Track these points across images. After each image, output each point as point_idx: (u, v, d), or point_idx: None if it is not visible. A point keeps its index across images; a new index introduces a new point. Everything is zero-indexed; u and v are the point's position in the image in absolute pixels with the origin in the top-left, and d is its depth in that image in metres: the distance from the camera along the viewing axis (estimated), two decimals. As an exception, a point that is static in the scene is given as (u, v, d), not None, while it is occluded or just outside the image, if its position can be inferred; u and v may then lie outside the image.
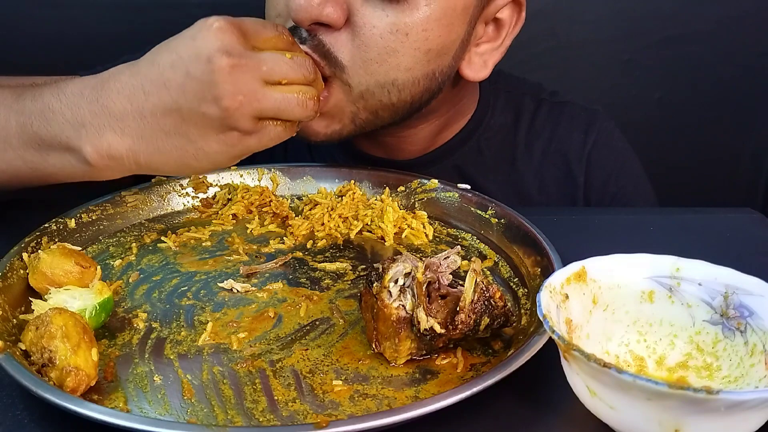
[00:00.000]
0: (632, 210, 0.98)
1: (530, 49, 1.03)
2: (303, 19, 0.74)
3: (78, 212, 0.76)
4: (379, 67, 0.78)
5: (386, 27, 0.76)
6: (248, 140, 0.67)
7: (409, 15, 0.76)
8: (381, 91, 0.80)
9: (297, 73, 0.67)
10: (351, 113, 0.81)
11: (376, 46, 0.77)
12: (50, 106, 0.67)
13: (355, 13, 0.76)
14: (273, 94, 0.66)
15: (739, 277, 0.57)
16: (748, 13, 1.39)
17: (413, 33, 0.77)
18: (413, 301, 0.58)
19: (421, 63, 0.80)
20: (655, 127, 1.44)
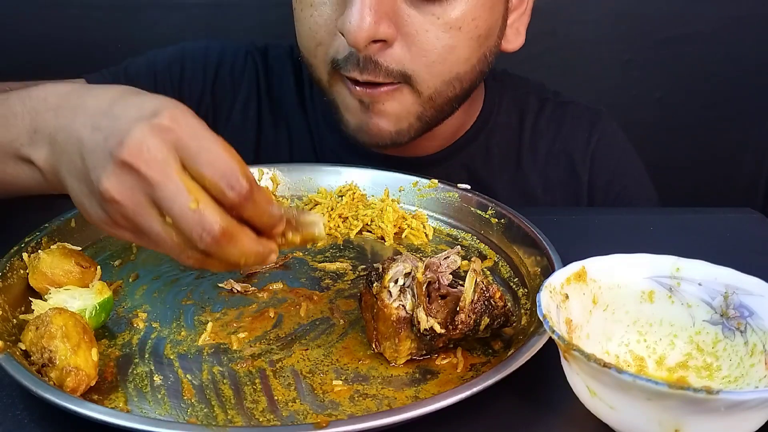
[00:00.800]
0: (632, 210, 0.98)
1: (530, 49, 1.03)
2: (360, 40, 0.75)
3: (78, 212, 0.76)
4: (442, 67, 0.81)
5: (439, 27, 0.79)
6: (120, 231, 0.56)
7: (457, 9, 0.79)
8: (447, 88, 0.83)
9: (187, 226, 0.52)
10: (418, 113, 0.84)
11: (435, 48, 0.79)
12: (13, 110, 0.61)
13: (404, 23, 0.78)
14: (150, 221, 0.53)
15: (739, 277, 0.57)
16: (748, 13, 1.39)
17: (465, 25, 0.80)
18: (413, 301, 0.58)
19: (475, 50, 0.83)
20: (655, 127, 1.44)
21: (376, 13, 0.75)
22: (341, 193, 0.85)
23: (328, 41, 0.81)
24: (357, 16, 0.74)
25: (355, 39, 0.75)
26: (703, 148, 1.48)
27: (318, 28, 0.81)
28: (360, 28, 0.74)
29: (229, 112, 1.01)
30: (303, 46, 0.85)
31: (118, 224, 0.55)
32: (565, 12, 1.36)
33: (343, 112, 0.86)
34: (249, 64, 1.02)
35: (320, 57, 0.83)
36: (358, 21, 0.74)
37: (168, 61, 1.00)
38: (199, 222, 0.52)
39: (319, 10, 0.80)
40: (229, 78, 1.01)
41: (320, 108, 1.00)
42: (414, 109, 0.83)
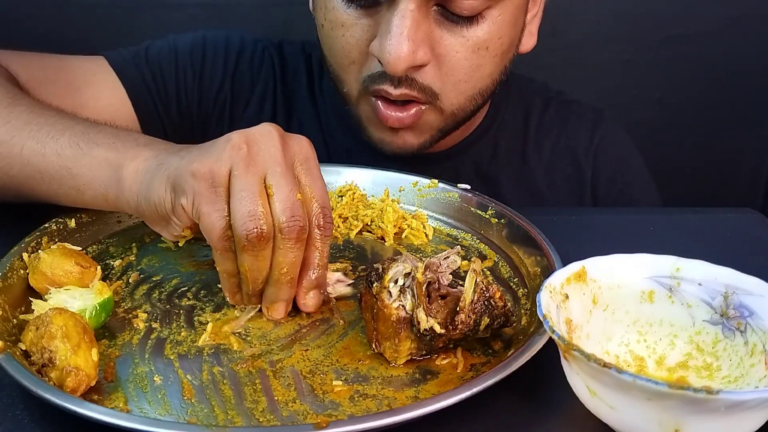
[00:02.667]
0: (632, 210, 0.99)
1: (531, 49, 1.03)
2: (400, 70, 0.77)
3: (78, 212, 0.76)
4: (467, 84, 0.83)
5: (469, 48, 0.80)
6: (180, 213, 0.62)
7: (485, 29, 0.80)
8: (469, 103, 0.85)
9: (283, 203, 0.60)
10: (440, 126, 0.86)
11: (463, 68, 0.81)
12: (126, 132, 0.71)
13: (436, 45, 0.79)
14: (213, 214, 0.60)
15: (739, 277, 0.57)
16: (748, 13, 1.39)
17: (492, 44, 0.81)
18: (413, 301, 0.58)
19: (498, 65, 0.85)
20: (655, 127, 1.45)
21: (414, 41, 0.76)
22: (341, 193, 0.85)
23: (361, 60, 0.82)
24: (395, 45, 0.75)
25: (394, 69, 0.76)
26: (703, 148, 1.48)
27: (351, 48, 0.82)
28: (398, 58, 0.75)
29: (246, 104, 1.02)
30: (335, 62, 0.85)
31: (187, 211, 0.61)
32: (565, 12, 1.36)
33: (367, 125, 0.88)
34: (266, 57, 1.03)
35: (353, 75, 0.84)
36: (397, 51, 0.75)
37: (190, 48, 1.01)
38: (296, 209, 0.60)
39: (351, 30, 0.81)
40: (248, 69, 1.02)
41: (330, 104, 1.01)
42: (436, 124, 0.86)
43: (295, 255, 0.61)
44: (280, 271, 0.61)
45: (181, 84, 0.99)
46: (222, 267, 0.63)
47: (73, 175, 0.68)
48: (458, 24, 0.79)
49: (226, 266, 0.62)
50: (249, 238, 0.58)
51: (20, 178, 0.71)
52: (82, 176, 0.68)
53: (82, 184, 0.68)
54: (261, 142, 0.61)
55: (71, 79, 0.91)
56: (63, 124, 0.71)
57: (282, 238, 0.60)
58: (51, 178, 0.69)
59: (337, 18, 0.81)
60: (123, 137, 0.69)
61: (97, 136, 0.69)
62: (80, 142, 0.68)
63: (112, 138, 0.68)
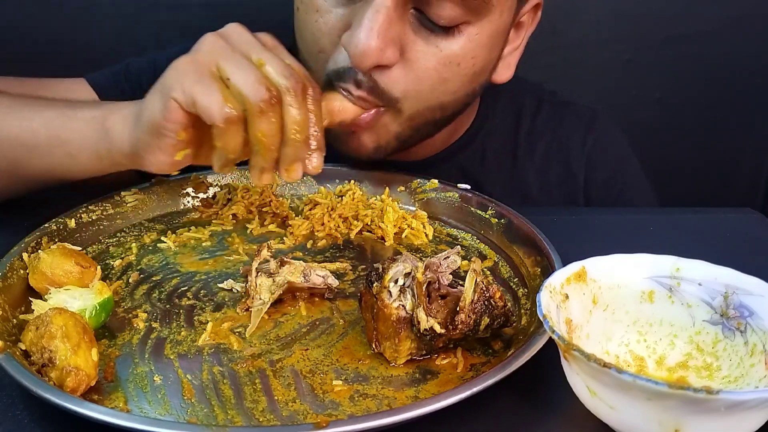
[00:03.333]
0: (632, 210, 0.98)
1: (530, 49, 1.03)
2: (365, 65, 0.75)
3: (78, 212, 0.76)
4: (430, 95, 0.81)
5: (439, 60, 0.78)
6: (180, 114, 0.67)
7: (460, 45, 0.78)
8: (428, 113, 0.83)
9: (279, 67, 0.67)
10: (396, 132, 0.83)
11: (430, 79, 0.79)
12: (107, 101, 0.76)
13: (407, 49, 0.78)
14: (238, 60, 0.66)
15: (739, 277, 0.57)
16: (748, 13, 1.39)
17: (464, 61, 0.79)
18: (413, 301, 0.58)
19: (465, 85, 0.82)
20: (655, 128, 1.45)
21: (383, 38, 0.74)
22: (341, 193, 0.85)
23: (330, 50, 0.80)
24: (364, 39, 0.73)
25: (359, 62, 0.75)
26: (703, 148, 1.48)
27: (321, 35, 0.80)
28: (365, 54, 0.74)
29: None
30: (304, 49, 0.84)
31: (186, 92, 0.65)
32: (565, 12, 1.36)
33: None
34: None
35: (320, 64, 0.82)
36: (365, 45, 0.73)
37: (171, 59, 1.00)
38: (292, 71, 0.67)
39: (325, 17, 0.79)
40: None
41: None
42: (393, 128, 0.82)
43: (303, 112, 0.66)
44: (293, 129, 0.66)
45: None
46: (224, 142, 0.66)
47: (63, 141, 0.72)
48: (434, 33, 0.77)
49: (229, 141, 0.65)
50: (263, 98, 0.63)
51: (13, 156, 0.75)
52: (72, 141, 0.72)
53: (73, 148, 0.72)
54: (233, 34, 0.68)
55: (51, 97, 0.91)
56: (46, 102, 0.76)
57: (290, 99, 0.65)
58: (43, 150, 0.73)
59: (313, 2, 0.80)
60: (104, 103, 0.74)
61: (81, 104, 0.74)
62: (66, 111, 0.73)
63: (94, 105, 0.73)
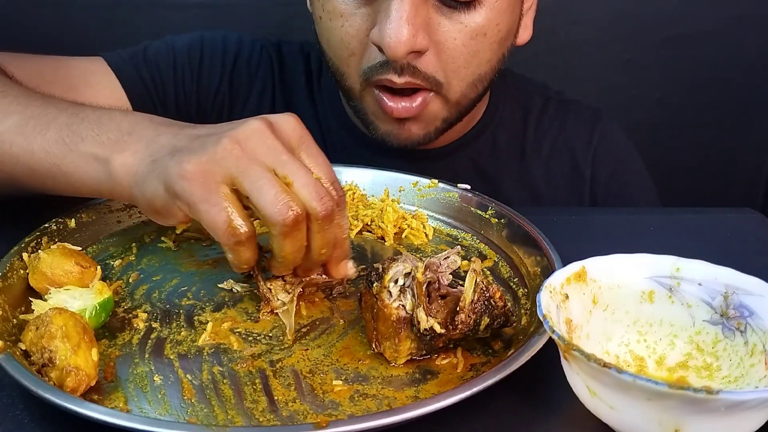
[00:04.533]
0: (632, 210, 0.99)
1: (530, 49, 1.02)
2: (400, 54, 0.77)
3: (78, 212, 0.76)
4: (467, 70, 0.83)
5: (466, 35, 0.81)
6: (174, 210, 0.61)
7: (483, 16, 0.81)
8: (471, 89, 0.86)
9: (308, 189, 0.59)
10: (445, 116, 0.87)
11: (462, 54, 0.82)
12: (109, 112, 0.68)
13: (434, 32, 0.80)
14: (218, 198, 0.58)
15: (739, 277, 0.57)
16: (748, 13, 1.39)
17: (489, 30, 0.82)
18: (413, 301, 0.58)
19: (496, 52, 0.85)
20: (655, 127, 1.45)
21: (413, 25, 0.76)
22: (341, 193, 0.85)
23: (361, 51, 0.82)
24: (395, 30, 0.76)
25: (394, 53, 0.77)
26: (703, 148, 1.48)
27: (350, 38, 0.82)
28: (398, 42, 0.76)
29: (244, 102, 1.02)
30: (335, 55, 0.86)
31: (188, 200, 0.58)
32: (565, 12, 1.36)
33: (373, 119, 0.89)
34: (264, 56, 1.04)
35: (353, 66, 0.85)
36: (397, 35, 0.76)
37: (188, 48, 1.01)
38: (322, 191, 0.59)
39: (350, 20, 0.81)
40: (246, 68, 1.03)
41: (328, 102, 1.02)
42: (441, 114, 0.86)
43: (331, 233, 0.61)
44: (320, 251, 0.62)
45: (179, 84, 0.99)
46: (236, 259, 0.61)
47: (64, 172, 0.67)
48: (456, 10, 0.80)
49: (240, 257, 0.61)
50: (286, 223, 0.58)
51: (13, 174, 0.70)
52: (72, 173, 0.67)
53: (74, 180, 0.67)
54: (252, 139, 0.60)
55: (69, 79, 0.91)
56: (48, 115, 0.69)
57: (318, 222, 0.60)
58: (44, 176, 0.68)
59: (336, 8, 0.81)
60: (106, 124, 0.66)
61: (81, 127, 0.67)
62: (66, 137, 0.67)
63: (96, 128, 0.66)
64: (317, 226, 0.60)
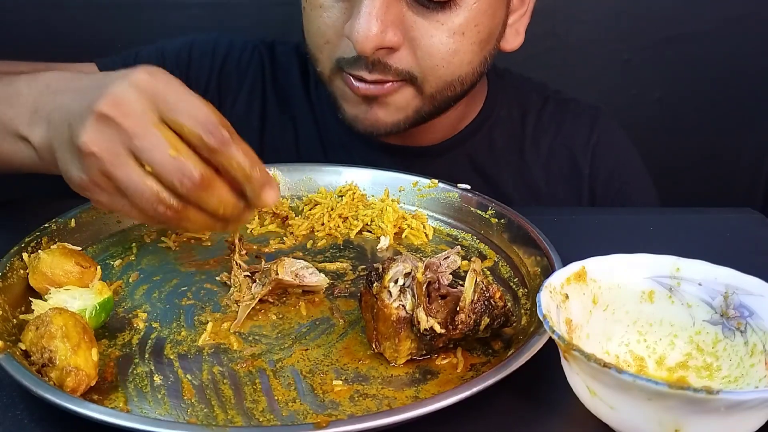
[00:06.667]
0: (632, 210, 0.99)
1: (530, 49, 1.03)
2: (368, 49, 0.78)
3: (78, 212, 0.76)
4: (446, 70, 0.83)
5: (444, 32, 0.81)
6: (96, 192, 0.58)
7: (461, 15, 0.81)
8: (448, 89, 0.86)
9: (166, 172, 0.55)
10: (416, 107, 0.87)
11: (439, 53, 0.82)
12: (19, 90, 0.65)
13: (410, 29, 0.81)
14: (127, 170, 0.55)
15: (739, 277, 0.57)
16: (748, 13, 1.39)
17: (468, 30, 0.82)
18: (413, 301, 0.58)
19: (477, 54, 0.85)
20: (655, 127, 1.44)
21: (383, 22, 0.77)
22: (341, 193, 0.85)
23: (335, 41, 0.84)
24: (364, 25, 0.77)
25: (362, 48, 0.78)
26: (703, 148, 1.48)
27: (326, 28, 0.84)
28: (367, 38, 0.77)
29: (233, 101, 1.03)
30: (311, 42, 0.87)
31: (98, 184, 0.57)
32: (565, 12, 1.36)
33: (342, 102, 0.89)
34: (255, 57, 1.05)
35: (326, 54, 0.86)
36: (365, 30, 0.77)
37: (177, 51, 1.03)
38: (180, 168, 0.55)
39: (328, 12, 0.83)
40: (235, 69, 1.04)
41: (325, 99, 1.02)
42: (414, 103, 0.86)
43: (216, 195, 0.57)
44: (223, 209, 0.57)
45: None
46: (195, 228, 0.59)
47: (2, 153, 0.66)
48: (432, 9, 0.80)
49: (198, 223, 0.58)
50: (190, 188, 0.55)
51: None
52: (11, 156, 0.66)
53: (14, 162, 0.66)
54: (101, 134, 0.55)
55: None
56: None
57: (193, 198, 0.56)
58: None
59: (317, 0, 0.83)
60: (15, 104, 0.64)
61: None
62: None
63: (8, 109, 0.64)
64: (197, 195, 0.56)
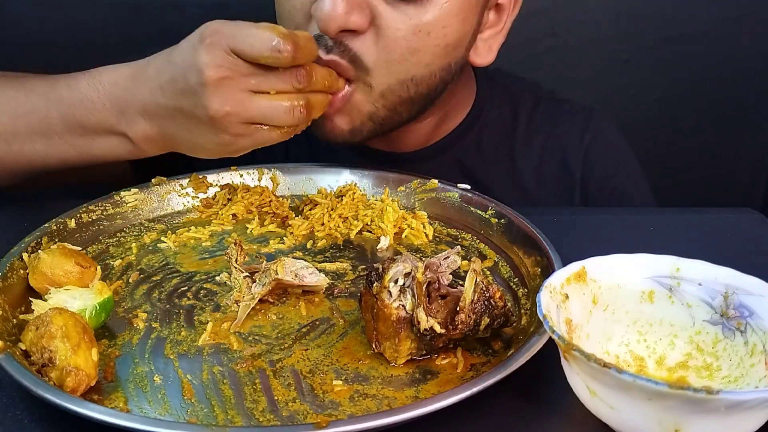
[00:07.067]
0: (632, 210, 0.98)
1: (530, 49, 1.03)
2: (330, 29, 0.77)
3: (78, 212, 0.76)
4: (400, 66, 0.81)
5: (409, 28, 0.79)
6: (241, 141, 0.73)
7: (430, 13, 0.79)
8: (400, 87, 0.83)
9: (285, 84, 0.71)
10: (370, 112, 0.84)
11: (400, 48, 0.80)
12: (89, 96, 0.76)
13: (378, 17, 0.79)
14: (259, 103, 0.70)
15: (739, 277, 0.57)
16: (748, 13, 1.39)
17: (434, 31, 0.80)
18: (413, 301, 0.58)
19: (439, 57, 0.83)
20: (655, 127, 1.44)
21: (348, 3, 0.76)
22: (341, 193, 0.85)
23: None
24: (329, 4, 0.76)
25: (326, 26, 0.77)
26: (703, 148, 1.48)
27: (296, 11, 0.82)
28: (331, 17, 0.76)
29: None
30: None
31: (240, 134, 0.72)
32: (565, 12, 1.36)
33: None
34: None
35: None
36: (330, 9, 0.76)
37: None
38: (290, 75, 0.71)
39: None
40: None
41: None
42: (366, 108, 0.83)
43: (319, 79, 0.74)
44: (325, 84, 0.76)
45: None
46: None
47: (94, 158, 0.77)
48: (404, 1, 0.79)
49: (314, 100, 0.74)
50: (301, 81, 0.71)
51: (43, 169, 0.80)
52: (103, 156, 0.78)
53: (106, 158, 0.78)
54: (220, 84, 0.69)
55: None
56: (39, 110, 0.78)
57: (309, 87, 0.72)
58: (77, 166, 0.79)
59: None
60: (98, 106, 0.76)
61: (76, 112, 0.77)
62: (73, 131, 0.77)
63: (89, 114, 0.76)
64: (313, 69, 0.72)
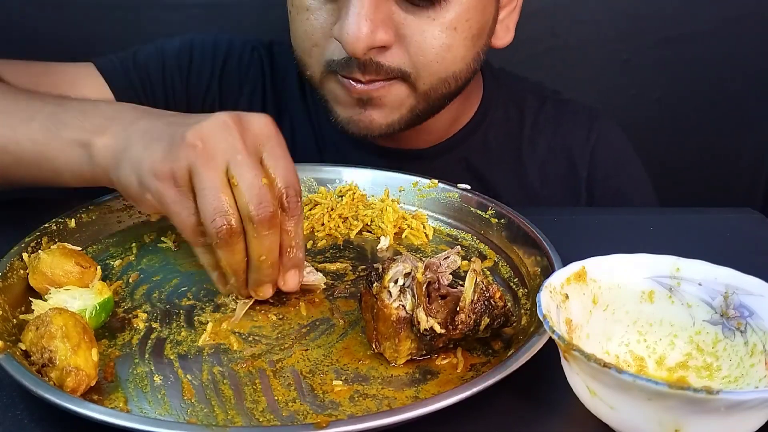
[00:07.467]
0: (632, 210, 0.99)
1: (530, 49, 1.03)
2: (358, 51, 0.77)
3: (78, 212, 0.76)
4: (439, 66, 0.83)
5: (436, 28, 0.81)
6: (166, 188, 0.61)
7: (451, 10, 0.81)
8: (443, 85, 0.85)
9: (251, 192, 0.59)
10: (411, 105, 0.85)
11: (433, 48, 0.81)
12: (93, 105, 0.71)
13: (401, 27, 0.80)
14: (215, 175, 0.60)
15: (739, 277, 0.57)
16: (748, 13, 1.39)
17: (459, 25, 0.81)
18: (413, 301, 0.58)
19: (470, 49, 0.85)
20: (655, 128, 1.44)
21: (372, 21, 0.76)
22: (341, 193, 0.85)
23: (324, 44, 0.83)
24: (354, 26, 0.76)
25: (353, 49, 0.77)
26: (703, 148, 1.48)
27: (314, 30, 0.83)
28: (357, 39, 0.76)
29: (235, 104, 1.02)
30: (298, 46, 0.86)
31: (174, 177, 0.59)
32: (565, 12, 1.36)
33: (334, 105, 0.88)
34: (255, 58, 1.04)
35: (315, 57, 0.85)
36: (355, 31, 0.76)
37: (177, 51, 1.02)
38: (264, 196, 0.59)
39: (315, 14, 0.82)
40: (236, 70, 1.03)
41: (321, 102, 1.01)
42: (408, 102, 0.85)
43: (270, 241, 0.61)
44: (258, 258, 0.61)
45: (168, 86, 1.00)
46: (203, 261, 0.64)
47: (48, 158, 0.69)
48: (422, 7, 0.80)
49: (207, 259, 0.63)
50: (220, 235, 0.59)
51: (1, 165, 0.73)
52: (56, 158, 0.69)
53: (58, 165, 0.69)
54: (216, 134, 0.60)
55: (57, 83, 0.91)
56: (33, 107, 0.72)
57: (254, 228, 0.60)
58: (29, 164, 0.71)
59: (303, 3, 0.83)
60: (90, 111, 0.69)
61: (65, 115, 0.69)
62: (51, 125, 0.69)
63: (80, 115, 0.69)
64: (252, 230, 0.60)
